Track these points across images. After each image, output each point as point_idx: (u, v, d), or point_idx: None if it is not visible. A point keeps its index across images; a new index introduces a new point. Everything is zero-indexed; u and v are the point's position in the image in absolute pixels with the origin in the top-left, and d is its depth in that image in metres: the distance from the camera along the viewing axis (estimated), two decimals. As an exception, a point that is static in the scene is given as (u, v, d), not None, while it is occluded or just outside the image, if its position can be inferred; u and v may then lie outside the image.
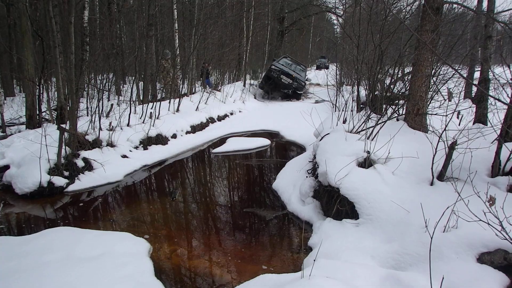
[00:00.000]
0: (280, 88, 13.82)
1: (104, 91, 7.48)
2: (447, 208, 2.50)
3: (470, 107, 5.27)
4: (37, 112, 7.77)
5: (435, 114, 4.44)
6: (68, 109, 6.25)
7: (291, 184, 4.52)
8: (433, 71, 4.59)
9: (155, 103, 7.87)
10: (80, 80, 6.39)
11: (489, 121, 4.59)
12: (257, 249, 3.34)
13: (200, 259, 3.21)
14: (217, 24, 12.10)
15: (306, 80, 15.01)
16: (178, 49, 10.59)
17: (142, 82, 9.57)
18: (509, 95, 3.18)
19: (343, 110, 5.79)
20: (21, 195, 4.70)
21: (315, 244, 3.19)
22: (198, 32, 10.19)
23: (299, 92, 14.02)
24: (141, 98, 9.12)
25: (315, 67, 34.30)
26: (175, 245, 3.46)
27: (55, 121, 7.37)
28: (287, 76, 13.41)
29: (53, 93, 8.62)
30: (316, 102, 13.18)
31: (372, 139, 4.03)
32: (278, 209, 4.25)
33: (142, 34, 9.56)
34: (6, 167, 5.14)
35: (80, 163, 5.34)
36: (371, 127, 4.30)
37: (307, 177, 4.36)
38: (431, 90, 4.65)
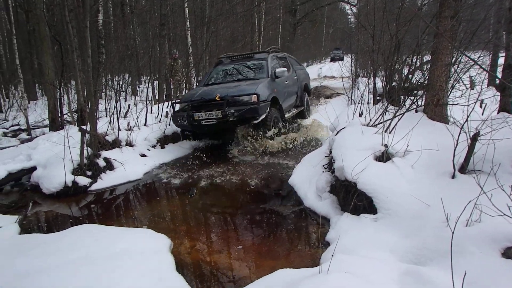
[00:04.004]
0: (210, 133, 7.24)
1: (121, 92, 7.62)
2: (469, 202, 2.44)
3: (494, 95, 5.10)
4: (59, 115, 8.02)
5: (456, 104, 4.31)
6: (87, 110, 6.41)
7: (307, 180, 4.50)
8: (454, 59, 4.46)
9: (170, 102, 7.98)
10: (98, 82, 6.54)
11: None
12: (275, 245, 3.36)
13: (218, 254, 3.25)
14: (228, 20, 12.10)
15: (297, 73, 8.41)
16: (190, 47, 10.66)
17: (157, 82, 9.69)
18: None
19: (359, 103, 5.71)
20: (48, 195, 4.92)
21: (332, 239, 3.17)
22: (209, 29, 10.23)
23: (255, 119, 5.92)
24: (157, 97, 9.24)
25: (329, 59, 33.91)
26: (195, 240, 3.52)
27: (76, 123, 7.58)
28: (207, 107, 5.97)
29: (73, 95, 8.85)
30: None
31: (390, 132, 3.97)
32: (294, 204, 4.25)
33: (155, 34, 9.66)
34: (33, 168, 5.39)
35: (101, 162, 5.50)
36: (389, 119, 4.22)
37: (323, 172, 4.33)
38: (451, 79, 4.53)
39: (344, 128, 4.58)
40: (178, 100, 7.02)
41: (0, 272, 2.76)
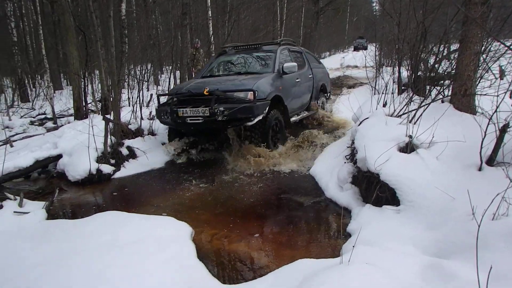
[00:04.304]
0: (197, 132, 6.08)
1: (144, 82, 7.73)
2: (497, 194, 2.36)
3: (526, 85, 4.86)
4: (84, 104, 8.22)
5: (485, 95, 4.16)
6: (111, 100, 6.54)
7: (328, 170, 4.48)
8: (483, 47, 4.28)
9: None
10: (121, 72, 6.65)
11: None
12: (295, 234, 3.37)
13: (239, 243, 3.29)
14: (250, 9, 12.00)
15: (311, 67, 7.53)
16: (212, 37, 10.65)
17: (179, 71, 9.77)
18: None
19: (383, 93, 5.58)
20: (73, 182, 5.09)
21: (354, 230, 3.15)
22: (231, 18, 10.18)
23: (249, 121, 5.06)
24: (179, 87, 9.32)
25: (352, 48, 33.35)
26: (215, 229, 3.56)
27: (100, 112, 7.75)
28: (195, 103, 5.24)
29: (97, 85, 9.05)
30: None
31: (415, 123, 3.88)
32: (315, 195, 4.23)
33: (177, 24, 9.71)
34: (59, 156, 5.57)
35: (124, 151, 5.63)
36: (414, 110, 4.13)
37: (345, 162, 4.29)
38: (480, 68, 4.36)
39: (367, 118, 4.51)
40: (163, 93, 6.23)
41: (29, 256, 2.89)
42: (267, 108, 5.28)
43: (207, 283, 2.60)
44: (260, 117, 5.14)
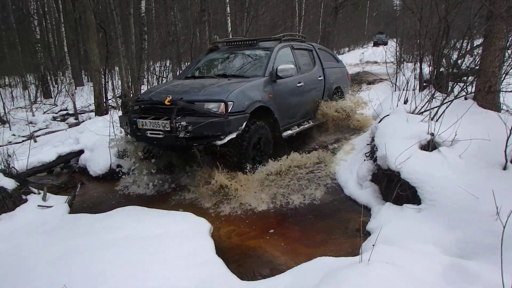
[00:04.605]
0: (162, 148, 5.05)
1: (163, 78, 7.82)
2: (524, 195, 2.30)
3: (553, 82, 4.70)
4: (104, 100, 8.39)
5: (510, 92, 4.04)
6: (131, 96, 6.65)
7: (348, 168, 4.44)
8: (508, 43, 4.16)
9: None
10: (141, 68, 6.75)
11: None
12: (313, 232, 3.36)
13: (257, 239, 3.30)
14: (268, 5, 11.95)
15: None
16: (230, 33, 10.67)
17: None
18: None
19: (404, 90, 5.48)
20: (95, 177, 5.21)
21: (373, 229, 3.12)
22: (250, 15, 10.17)
23: (218, 139, 4.03)
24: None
25: (372, 44, 32.90)
26: (234, 225, 3.59)
27: (120, 108, 7.89)
28: (158, 113, 4.29)
29: (117, 81, 9.20)
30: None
31: (437, 120, 3.80)
32: (334, 192, 4.20)
33: (195, 20, 9.77)
34: (81, 151, 5.71)
35: (144, 146, 5.69)
36: (436, 107, 4.04)
37: (364, 160, 4.24)
38: (505, 64, 4.23)
39: (387, 115, 4.45)
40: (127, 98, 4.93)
41: (52, 248, 2.97)
42: (245, 123, 4.26)
43: (226, 279, 2.62)
44: (233, 135, 4.14)
